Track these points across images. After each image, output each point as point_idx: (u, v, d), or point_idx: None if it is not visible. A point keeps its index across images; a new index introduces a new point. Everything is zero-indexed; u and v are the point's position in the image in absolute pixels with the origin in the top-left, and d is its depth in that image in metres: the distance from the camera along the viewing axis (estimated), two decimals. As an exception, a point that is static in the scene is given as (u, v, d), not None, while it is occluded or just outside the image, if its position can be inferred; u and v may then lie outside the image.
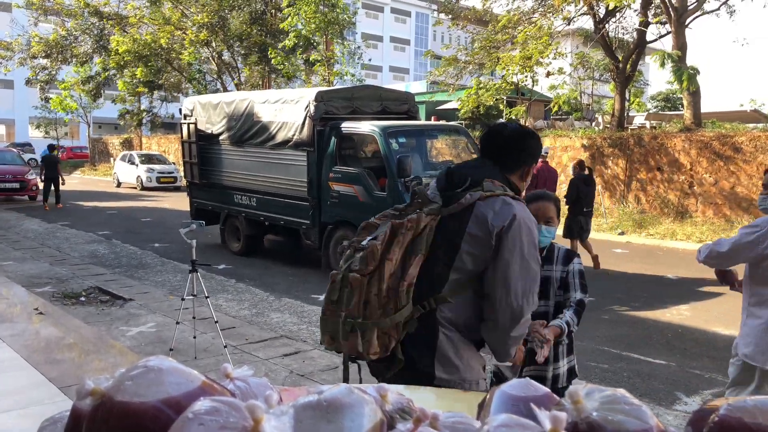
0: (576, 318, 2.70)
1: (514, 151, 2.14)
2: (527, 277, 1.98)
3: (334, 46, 22.77)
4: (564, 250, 2.87)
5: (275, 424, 0.64)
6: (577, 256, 2.87)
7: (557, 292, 2.78)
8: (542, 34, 16.61)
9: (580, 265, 2.83)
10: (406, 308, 1.92)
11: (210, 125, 10.51)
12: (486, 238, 1.96)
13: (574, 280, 2.78)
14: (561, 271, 2.80)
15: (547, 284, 2.77)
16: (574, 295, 2.75)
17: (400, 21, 63.78)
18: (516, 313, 1.96)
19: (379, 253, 1.93)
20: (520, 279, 1.96)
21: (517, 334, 2.01)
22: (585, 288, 2.80)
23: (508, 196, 2.02)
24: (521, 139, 2.16)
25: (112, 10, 27.46)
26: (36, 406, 3.74)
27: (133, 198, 20.59)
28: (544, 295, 2.77)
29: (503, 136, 2.16)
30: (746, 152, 13.20)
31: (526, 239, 1.97)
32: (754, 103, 21.09)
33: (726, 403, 0.73)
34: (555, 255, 2.83)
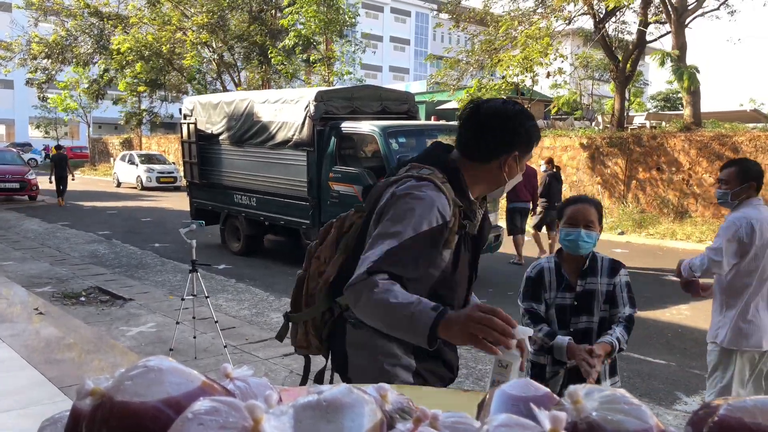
0: (626, 335, 2.53)
1: (489, 135, 1.77)
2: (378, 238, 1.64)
3: (333, 46, 22.77)
4: (608, 260, 2.65)
5: (275, 424, 0.64)
6: (622, 266, 2.66)
7: (602, 307, 2.59)
8: (542, 34, 16.61)
9: (627, 276, 2.65)
10: (318, 306, 1.92)
11: (210, 125, 10.51)
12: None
13: (622, 294, 2.58)
14: (607, 284, 2.60)
15: (591, 298, 2.58)
16: (622, 310, 2.56)
17: (400, 21, 63.80)
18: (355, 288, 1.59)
19: (312, 251, 1.98)
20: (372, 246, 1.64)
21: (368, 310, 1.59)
22: (634, 302, 2.61)
23: (412, 177, 1.74)
24: (500, 120, 1.76)
25: (112, 11, 27.46)
26: (36, 406, 3.74)
27: (133, 198, 20.59)
28: (586, 311, 2.60)
29: (478, 115, 1.79)
30: (746, 152, 13.20)
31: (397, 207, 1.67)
32: (754, 102, 21.12)
33: (726, 403, 0.73)
34: (599, 266, 2.62)
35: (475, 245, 1.90)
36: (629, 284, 2.62)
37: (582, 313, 2.60)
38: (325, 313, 1.93)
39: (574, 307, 2.60)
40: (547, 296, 2.65)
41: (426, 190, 1.69)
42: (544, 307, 2.66)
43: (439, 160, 1.83)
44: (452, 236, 1.74)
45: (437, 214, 1.67)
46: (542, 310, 2.66)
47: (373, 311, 1.56)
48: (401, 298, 1.52)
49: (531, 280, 2.70)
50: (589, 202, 2.62)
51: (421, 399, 0.95)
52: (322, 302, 1.91)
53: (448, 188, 1.74)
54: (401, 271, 1.59)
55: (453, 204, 1.73)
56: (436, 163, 1.81)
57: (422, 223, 1.64)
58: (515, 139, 1.78)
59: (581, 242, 2.53)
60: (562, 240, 2.58)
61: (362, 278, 1.57)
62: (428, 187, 1.70)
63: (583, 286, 2.60)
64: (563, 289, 2.62)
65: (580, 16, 17.78)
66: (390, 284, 1.54)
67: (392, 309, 1.51)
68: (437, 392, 1.47)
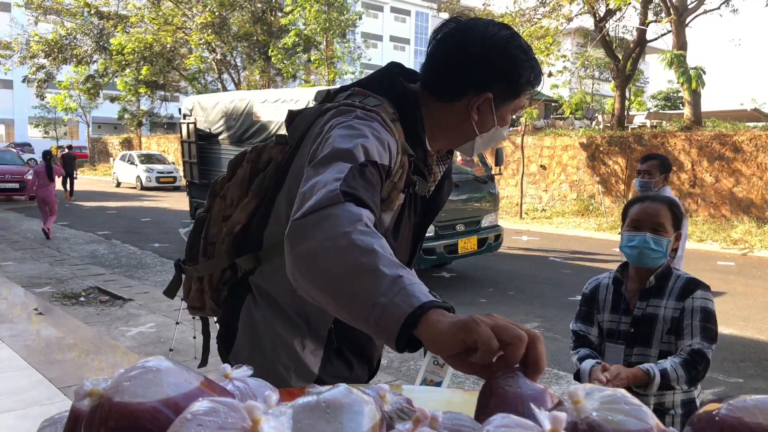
0: (683, 372, 1.88)
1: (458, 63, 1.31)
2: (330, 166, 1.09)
3: (334, 46, 22.79)
4: (685, 279, 2.06)
5: (274, 424, 0.64)
6: (701, 287, 2.04)
7: (664, 338, 2.02)
8: (544, 33, 16.63)
9: (706, 300, 2.01)
10: (215, 261, 1.45)
11: (209, 125, 10.52)
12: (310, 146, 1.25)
13: (691, 321, 1.97)
14: (673, 309, 2.02)
15: (650, 325, 2.04)
16: (688, 341, 1.95)
17: (399, 20, 63.80)
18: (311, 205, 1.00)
19: (215, 190, 1.50)
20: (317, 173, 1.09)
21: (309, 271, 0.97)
22: (711, 335, 1.95)
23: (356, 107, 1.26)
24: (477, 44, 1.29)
25: (112, 10, 27.48)
26: (35, 407, 3.74)
27: (133, 198, 20.59)
28: (642, 341, 2.05)
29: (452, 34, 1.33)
30: (746, 152, 13.20)
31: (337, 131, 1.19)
32: (755, 102, 21.12)
33: (726, 403, 0.73)
34: (669, 285, 2.06)
35: (425, 211, 1.46)
36: (707, 311, 1.98)
37: (637, 343, 2.07)
38: (225, 270, 1.46)
39: (630, 334, 2.09)
40: (600, 318, 2.20)
41: (375, 123, 1.22)
42: (597, 330, 2.20)
43: (394, 89, 1.36)
44: (395, 194, 1.30)
45: (387, 154, 1.20)
46: (594, 333, 2.20)
47: (339, 255, 0.93)
48: (389, 252, 0.94)
49: (584, 298, 2.27)
50: (660, 201, 2.11)
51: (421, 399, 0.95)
52: (222, 256, 1.44)
53: (398, 129, 1.29)
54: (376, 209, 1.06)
55: (402, 150, 1.27)
56: (387, 92, 1.35)
57: (374, 151, 1.15)
58: (491, 75, 1.30)
59: (646, 250, 2.02)
60: (623, 247, 2.10)
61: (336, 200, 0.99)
62: (376, 120, 1.24)
63: (643, 309, 2.07)
64: (621, 311, 2.12)
65: (580, 15, 17.80)
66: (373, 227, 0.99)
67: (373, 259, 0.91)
68: (437, 392, 1.46)
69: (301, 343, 1.39)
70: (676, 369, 1.89)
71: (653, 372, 1.89)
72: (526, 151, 16.24)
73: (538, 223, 14.88)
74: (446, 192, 1.52)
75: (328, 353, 1.41)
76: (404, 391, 1.17)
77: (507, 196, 16.91)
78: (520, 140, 16.19)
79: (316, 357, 1.40)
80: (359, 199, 1.01)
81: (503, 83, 1.32)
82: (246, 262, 1.41)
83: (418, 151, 1.34)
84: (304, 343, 1.39)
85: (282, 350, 1.38)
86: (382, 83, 1.39)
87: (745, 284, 8.38)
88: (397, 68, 1.44)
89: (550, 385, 4.65)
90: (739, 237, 11.96)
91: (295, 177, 1.30)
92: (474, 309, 6.66)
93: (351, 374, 1.45)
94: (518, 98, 1.35)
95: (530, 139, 17.07)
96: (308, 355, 1.39)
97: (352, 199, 1.00)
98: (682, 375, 1.88)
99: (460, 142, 1.41)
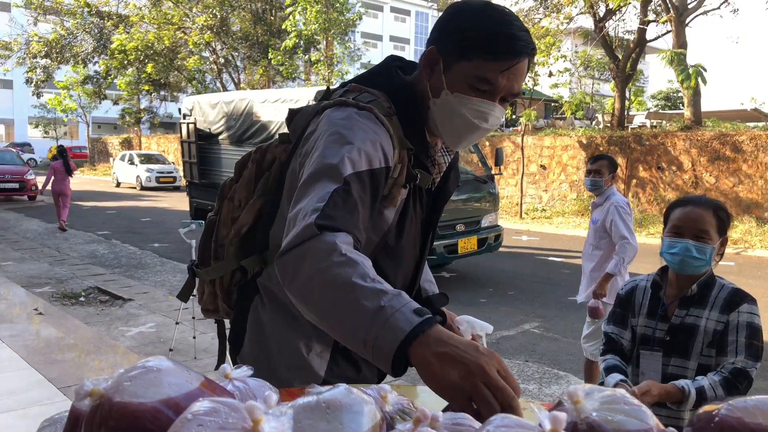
0: (724, 392, 1.77)
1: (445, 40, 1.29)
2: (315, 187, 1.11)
3: (334, 46, 22.80)
4: (730, 290, 1.96)
5: (274, 424, 0.64)
6: (747, 300, 1.93)
7: (704, 350, 1.91)
8: (545, 33, 16.64)
9: (753, 315, 1.89)
10: (224, 263, 1.45)
11: (209, 125, 10.52)
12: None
13: (736, 338, 1.85)
14: (716, 322, 1.91)
15: (690, 335, 1.93)
16: (732, 358, 1.83)
17: (399, 20, 63.81)
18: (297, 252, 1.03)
19: (224, 191, 1.50)
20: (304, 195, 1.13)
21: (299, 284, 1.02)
22: (756, 353, 1.83)
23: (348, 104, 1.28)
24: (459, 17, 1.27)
25: (112, 10, 27.47)
26: (35, 407, 3.74)
27: (133, 198, 20.59)
28: (680, 351, 1.95)
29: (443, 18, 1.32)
30: (747, 151, 13.21)
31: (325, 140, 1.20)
32: (755, 101, 21.11)
33: (726, 403, 0.73)
34: (712, 295, 1.95)
35: (433, 204, 1.45)
36: (753, 327, 1.87)
37: (674, 353, 1.96)
38: (235, 272, 1.46)
39: (666, 343, 1.98)
40: (635, 322, 2.09)
41: (367, 122, 1.23)
42: (630, 334, 2.10)
43: (391, 82, 1.36)
44: (396, 190, 1.29)
45: (381, 154, 1.21)
46: (627, 337, 2.10)
47: (322, 293, 0.97)
48: (369, 279, 0.96)
49: (619, 300, 2.16)
50: (704, 205, 1.98)
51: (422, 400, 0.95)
52: (231, 258, 1.44)
53: (394, 123, 1.29)
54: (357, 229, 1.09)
55: (399, 145, 1.28)
56: (384, 86, 1.35)
57: (361, 160, 1.16)
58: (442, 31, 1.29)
59: (688, 258, 1.92)
60: (664, 253, 1.99)
61: (310, 234, 1.02)
62: (369, 118, 1.25)
63: (682, 318, 1.97)
64: (658, 317, 2.02)
65: (580, 15, 17.81)
66: (356, 253, 1.01)
67: (352, 294, 0.94)
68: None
69: (307, 346, 1.37)
70: (715, 388, 1.78)
71: (688, 390, 1.78)
72: (526, 151, 16.25)
73: (538, 223, 14.89)
74: (453, 183, 1.49)
75: (335, 355, 1.39)
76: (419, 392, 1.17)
77: (507, 196, 16.92)
78: (520, 140, 16.19)
79: (322, 359, 1.38)
80: (335, 227, 1.04)
81: (448, 38, 1.27)
82: (253, 264, 1.40)
83: (419, 144, 1.33)
84: (311, 346, 1.37)
85: (287, 352, 1.37)
86: (380, 77, 1.38)
87: (745, 284, 8.34)
88: (397, 62, 1.43)
89: (549, 385, 4.65)
90: (739, 237, 11.96)
91: (292, 176, 1.31)
92: (474, 309, 6.67)
93: (359, 375, 1.43)
94: (467, 61, 1.24)
95: (530, 139, 17.08)
96: (314, 357, 1.37)
97: (329, 228, 1.03)
98: (722, 395, 1.76)
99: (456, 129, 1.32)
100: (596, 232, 4.31)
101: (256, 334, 1.41)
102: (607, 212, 4.19)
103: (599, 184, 4.26)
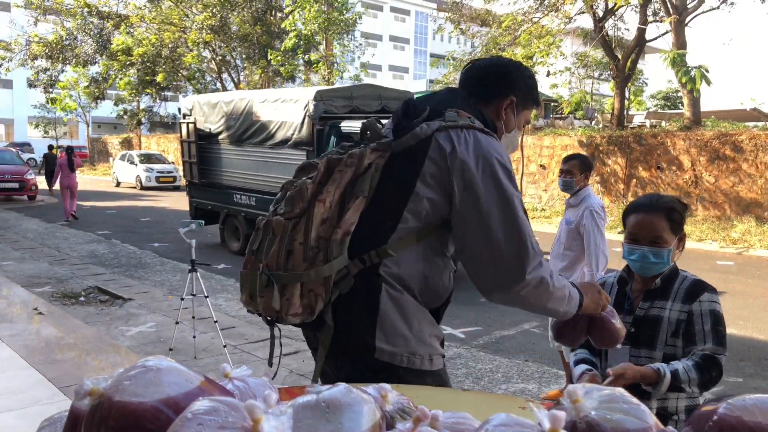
0: (696, 374, 1.85)
1: (486, 79, 1.79)
2: (514, 221, 1.57)
3: (334, 46, 22.80)
4: (691, 281, 2.03)
5: (274, 423, 0.64)
6: (707, 290, 2.00)
7: (669, 340, 1.98)
8: (544, 33, 16.63)
9: (714, 303, 1.97)
10: (338, 260, 1.54)
11: (209, 124, 10.51)
12: (445, 178, 1.57)
13: (702, 326, 1.93)
14: (679, 312, 1.98)
15: (654, 327, 2.01)
16: (701, 346, 1.92)
17: (399, 20, 63.76)
18: (514, 269, 1.54)
19: (308, 192, 1.57)
20: (506, 227, 1.56)
21: (527, 292, 1.57)
22: (721, 339, 1.92)
23: (475, 128, 1.62)
24: (497, 66, 1.82)
25: (112, 10, 27.45)
26: (35, 406, 3.74)
27: (133, 197, 20.59)
28: (646, 343, 2.02)
29: (475, 66, 1.84)
30: (746, 151, 13.21)
31: (501, 173, 1.58)
32: (754, 101, 21.12)
33: (725, 403, 0.73)
34: (674, 287, 2.03)
35: None
36: (716, 314, 1.95)
37: (642, 345, 2.03)
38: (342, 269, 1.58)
39: (632, 335, 2.03)
40: None
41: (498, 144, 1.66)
42: None
43: (473, 108, 1.72)
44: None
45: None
46: None
47: (557, 299, 1.62)
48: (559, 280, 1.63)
49: None
50: (656, 210, 2.00)
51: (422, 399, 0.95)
52: (343, 256, 1.55)
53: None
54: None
55: None
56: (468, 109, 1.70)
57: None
58: (518, 82, 1.79)
59: (647, 264, 2.01)
60: (625, 257, 2.08)
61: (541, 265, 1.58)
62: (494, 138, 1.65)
63: (646, 310, 2.04)
64: (625, 311, 2.08)
65: (579, 15, 17.81)
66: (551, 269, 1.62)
67: (564, 291, 1.62)
68: (437, 392, 1.46)
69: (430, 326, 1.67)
70: (689, 371, 1.85)
71: (663, 372, 1.85)
72: (525, 150, 16.24)
73: (538, 222, 14.88)
74: None
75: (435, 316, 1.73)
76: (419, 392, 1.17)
77: (507, 195, 16.88)
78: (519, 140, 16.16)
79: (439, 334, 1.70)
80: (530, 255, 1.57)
81: (524, 91, 1.80)
82: (383, 254, 1.57)
83: None
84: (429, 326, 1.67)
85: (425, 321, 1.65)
86: (462, 103, 1.71)
87: (744, 284, 8.38)
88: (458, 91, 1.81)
89: (549, 384, 4.65)
90: (738, 236, 11.96)
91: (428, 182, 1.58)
92: (474, 309, 6.67)
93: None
94: (530, 109, 1.84)
95: (530, 138, 17.08)
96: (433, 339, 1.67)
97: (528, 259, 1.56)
98: (695, 377, 1.85)
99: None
100: (569, 233, 4.26)
101: (395, 311, 1.59)
102: (581, 215, 4.16)
103: (571, 185, 4.26)
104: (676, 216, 2.01)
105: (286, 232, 1.56)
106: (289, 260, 1.56)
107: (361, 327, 1.58)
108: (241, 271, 1.67)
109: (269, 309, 1.58)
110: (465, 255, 1.63)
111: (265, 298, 1.58)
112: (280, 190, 1.70)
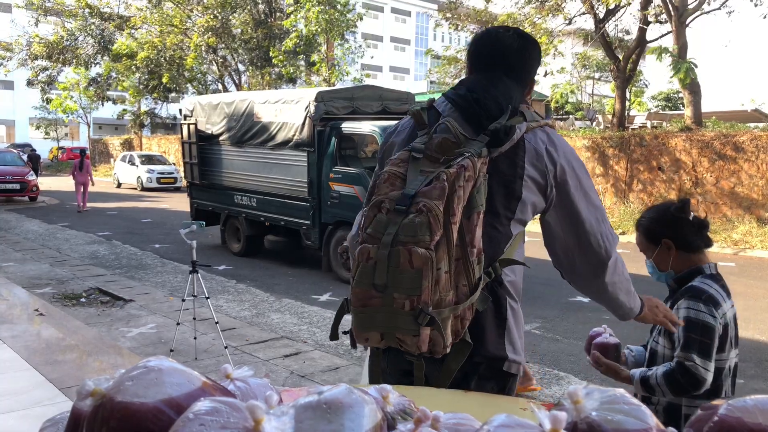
0: (665, 382, 1.93)
1: (528, 62, 1.75)
2: (597, 213, 1.68)
3: (335, 47, 22.81)
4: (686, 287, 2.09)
5: (275, 424, 0.64)
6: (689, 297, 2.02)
7: (655, 338, 2.13)
8: (541, 32, 16.63)
9: (689, 309, 1.99)
10: (480, 281, 1.50)
11: (210, 126, 10.52)
12: (543, 179, 1.62)
13: (679, 333, 1.98)
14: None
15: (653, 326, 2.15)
16: (677, 351, 1.96)
17: (400, 21, 63.79)
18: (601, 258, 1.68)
19: (442, 215, 1.42)
20: (592, 219, 1.67)
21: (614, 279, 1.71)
22: (689, 346, 1.93)
23: (548, 125, 1.71)
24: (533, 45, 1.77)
25: (113, 11, 27.47)
26: (36, 407, 3.74)
27: (134, 199, 20.60)
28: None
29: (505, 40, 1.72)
30: (747, 152, 13.20)
31: (581, 172, 1.68)
32: (755, 102, 21.12)
33: (726, 403, 0.73)
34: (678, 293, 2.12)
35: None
36: (688, 320, 1.96)
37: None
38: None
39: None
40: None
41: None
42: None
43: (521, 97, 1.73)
44: None
45: None
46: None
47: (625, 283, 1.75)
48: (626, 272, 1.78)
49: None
50: (636, 228, 2.23)
51: (423, 400, 0.96)
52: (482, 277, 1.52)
53: None
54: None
55: None
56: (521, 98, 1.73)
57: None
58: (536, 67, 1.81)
59: (652, 275, 2.23)
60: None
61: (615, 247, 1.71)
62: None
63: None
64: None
65: (580, 15, 17.81)
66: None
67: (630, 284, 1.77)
68: (438, 393, 1.46)
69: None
70: (657, 378, 1.96)
71: (635, 378, 2.01)
72: (526, 151, 16.16)
73: (539, 223, 14.88)
74: None
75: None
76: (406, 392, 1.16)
77: (507, 196, 16.88)
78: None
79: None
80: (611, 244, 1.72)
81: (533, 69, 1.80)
82: (504, 263, 1.61)
83: None
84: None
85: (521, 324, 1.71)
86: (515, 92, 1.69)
87: (745, 285, 8.37)
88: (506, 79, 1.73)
89: (550, 385, 4.65)
90: (739, 237, 11.95)
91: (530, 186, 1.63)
92: (474, 309, 6.66)
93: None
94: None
95: (531, 139, 17.03)
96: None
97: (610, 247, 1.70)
98: (663, 385, 1.94)
99: None
100: None
101: (514, 320, 1.65)
102: None
103: None
104: (649, 227, 2.16)
105: (431, 264, 1.40)
106: (435, 291, 1.42)
107: (494, 338, 1.61)
108: (357, 308, 1.46)
109: (424, 346, 1.43)
110: (560, 246, 1.74)
111: (422, 336, 1.41)
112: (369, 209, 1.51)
